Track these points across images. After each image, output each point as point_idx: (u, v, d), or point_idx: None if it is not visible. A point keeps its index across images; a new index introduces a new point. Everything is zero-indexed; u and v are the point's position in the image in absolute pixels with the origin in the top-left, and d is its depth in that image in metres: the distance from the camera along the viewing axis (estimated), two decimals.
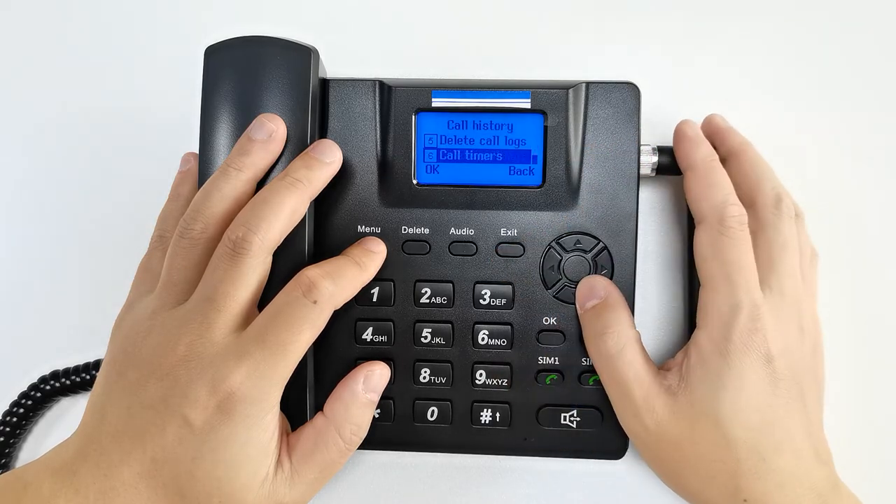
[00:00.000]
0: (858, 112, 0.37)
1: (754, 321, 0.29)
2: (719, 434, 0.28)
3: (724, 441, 0.28)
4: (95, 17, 0.40)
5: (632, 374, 0.30)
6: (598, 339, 0.31)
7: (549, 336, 0.33)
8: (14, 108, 0.39)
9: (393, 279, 0.33)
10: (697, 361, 0.30)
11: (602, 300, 0.32)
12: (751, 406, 0.28)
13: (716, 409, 0.29)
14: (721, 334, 0.29)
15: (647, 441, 0.30)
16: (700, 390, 0.29)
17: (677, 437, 0.29)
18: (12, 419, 0.36)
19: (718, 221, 0.30)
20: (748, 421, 0.28)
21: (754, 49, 0.37)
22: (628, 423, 0.31)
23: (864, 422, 0.36)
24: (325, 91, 0.33)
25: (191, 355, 0.27)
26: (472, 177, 0.33)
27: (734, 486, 0.28)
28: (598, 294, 0.32)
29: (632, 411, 0.30)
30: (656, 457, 0.31)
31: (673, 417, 0.29)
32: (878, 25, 0.37)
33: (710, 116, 0.35)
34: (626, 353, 0.31)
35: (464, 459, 0.36)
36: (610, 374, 0.31)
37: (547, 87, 0.33)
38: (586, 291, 0.33)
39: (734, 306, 0.29)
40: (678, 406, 0.29)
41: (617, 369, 0.31)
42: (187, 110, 0.34)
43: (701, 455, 0.29)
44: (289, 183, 0.29)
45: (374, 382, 0.32)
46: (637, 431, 0.31)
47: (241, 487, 0.28)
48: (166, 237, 0.32)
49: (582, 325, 0.33)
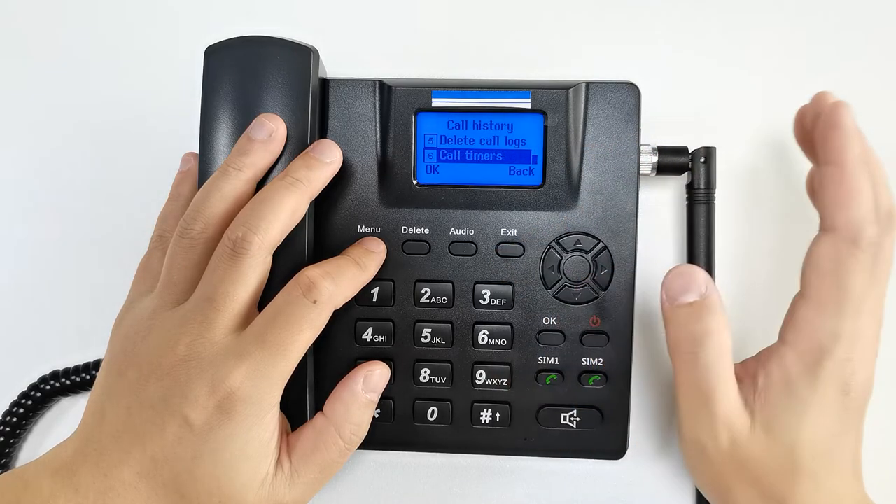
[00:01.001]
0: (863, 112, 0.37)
1: (850, 353, 0.27)
2: (791, 460, 0.28)
3: (791, 466, 0.28)
4: (95, 17, 0.40)
5: (722, 389, 0.28)
6: (694, 344, 0.29)
7: (549, 336, 0.33)
8: (14, 108, 0.39)
9: (393, 279, 0.33)
10: (781, 380, 0.28)
11: (703, 298, 0.29)
12: (822, 434, 0.28)
13: (795, 434, 0.28)
14: (814, 360, 0.27)
15: (712, 456, 0.29)
16: (782, 413, 0.28)
17: (746, 455, 0.28)
18: (12, 419, 0.36)
19: (852, 240, 0.27)
20: (818, 449, 0.28)
21: (754, 49, 0.37)
22: (699, 435, 0.30)
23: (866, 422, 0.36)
24: (325, 91, 0.33)
25: (191, 355, 0.27)
26: (472, 177, 0.33)
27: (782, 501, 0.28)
28: (698, 289, 0.29)
29: (708, 425, 0.29)
30: (713, 471, 0.30)
31: (749, 436, 0.28)
32: (879, 24, 0.37)
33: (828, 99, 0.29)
34: (724, 364, 0.29)
35: (464, 459, 0.36)
36: (697, 383, 0.29)
37: (547, 87, 0.33)
38: (684, 284, 0.29)
39: (835, 334, 0.27)
40: (756, 425, 0.28)
41: (709, 382, 0.29)
42: (187, 110, 0.34)
43: (762, 473, 0.28)
44: (289, 183, 0.29)
45: (374, 382, 0.32)
46: (705, 445, 0.29)
47: (241, 487, 0.28)
48: (166, 237, 0.32)
49: (669, 321, 0.30)
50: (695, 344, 0.29)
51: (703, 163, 0.33)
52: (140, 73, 0.39)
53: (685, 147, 0.34)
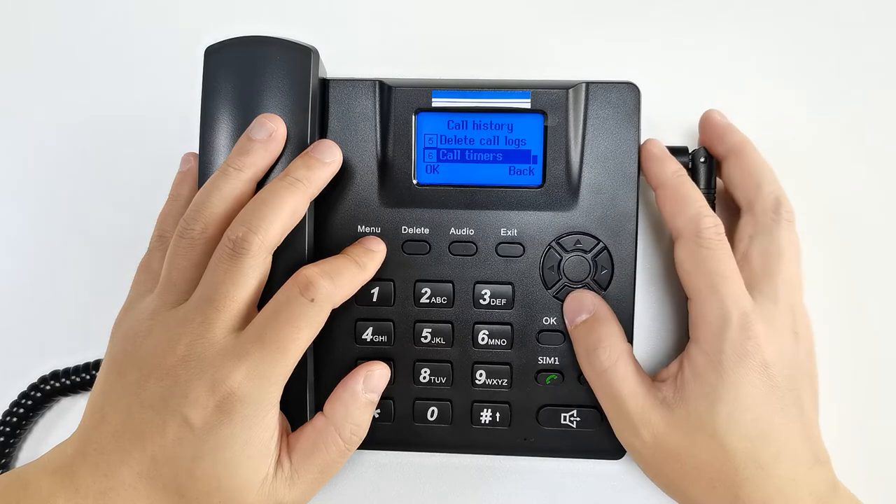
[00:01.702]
0: (860, 111, 0.37)
1: (745, 330, 0.29)
2: (717, 445, 0.28)
3: (721, 452, 0.28)
4: (95, 17, 0.40)
5: (626, 388, 0.30)
6: (590, 355, 0.31)
7: (549, 336, 0.33)
8: (13, 109, 0.39)
9: (393, 279, 0.33)
10: (692, 375, 0.30)
11: (592, 314, 0.32)
12: (748, 416, 0.28)
13: (713, 422, 0.28)
14: (713, 347, 0.29)
15: (645, 454, 0.30)
16: (696, 403, 0.29)
17: (675, 450, 0.29)
18: (12, 419, 0.36)
19: (695, 234, 0.30)
20: (746, 431, 0.28)
21: (755, 49, 0.37)
22: (625, 437, 0.31)
23: (865, 422, 0.36)
24: (325, 91, 0.33)
25: (190, 355, 0.27)
26: (472, 177, 0.33)
27: (733, 494, 0.28)
28: (587, 308, 0.32)
29: (628, 426, 0.30)
30: (655, 470, 0.31)
31: (669, 430, 0.29)
32: (878, 23, 0.37)
33: (709, 112, 0.35)
34: (619, 367, 0.31)
35: (464, 459, 0.36)
36: (604, 389, 0.31)
37: (547, 87, 0.33)
38: (575, 307, 0.33)
39: (723, 317, 0.29)
40: (674, 419, 0.29)
41: (611, 384, 0.31)
42: (187, 110, 0.34)
43: (699, 466, 0.29)
44: (289, 183, 0.29)
45: (374, 382, 0.32)
46: (634, 445, 0.31)
47: (241, 487, 0.28)
48: (166, 237, 0.32)
49: (573, 342, 0.33)
50: (592, 353, 0.31)
51: (703, 163, 0.33)
52: (140, 73, 0.39)
53: (685, 147, 0.34)
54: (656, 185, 0.32)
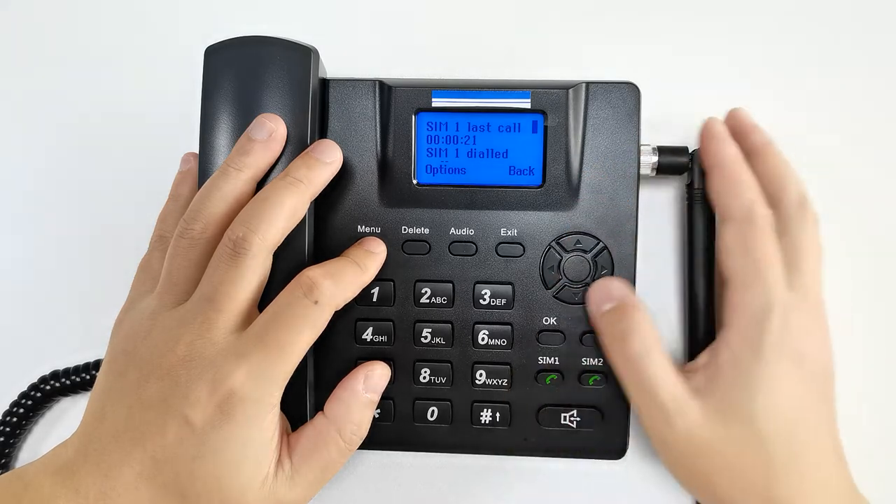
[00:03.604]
0: (863, 110, 0.37)
1: (787, 320, 0.28)
2: (753, 434, 0.28)
3: (757, 441, 0.28)
4: (95, 17, 0.40)
5: (660, 376, 0.29)
6: (621, 343, 0.30)
7: (549, 336, 0.33)
8: (14, 109, 0.39)
9: (393, 279, 0.33)
10: (729, 360, 0.29)
11: (620, 301, 0.31)
12: (784, 406, 0.28)
13: (750, 410, 0.28)
14: (754, 332, 0.29)
15: (678, 447, 0.30)
16: (732, 391, 0.29)
17: (709, 440, 0.29)
18: (12, 419, 0.36)
19: (748, 219, 0.30)
20: (782, 421, 0.28)
21: (755, 48, 0.37)
22: (657, 429, 0.30)
23: (879, 421, 0.36)
24: (325, 91, 0.33)
25: (191, 355, 0.27)
26: (472, 177, 0.33)
27: (765, 486, 0.28)
28: (614, 296, 0.32)
29: (661, 416, 0.29)
30: (685, 464, 0.30)
31: (705, 420, 0.29)
32: (879, 25, 0.37)
33: (736, 111, 0.34)
34: (654, 354, 0.30)
35: (464, 459, 0.36)
36: (636, 377, 0.30)
37: (547, 87, 0.33)
38: (601, 294, 0.32)
39: (767, 304, 0.29)
40: (709, 408, 0.29)
41: (644, 372, 0.30)
42: (187, 110, 0.34)
43: (733, 458, 0.29)
44: (289, 183, 0.29)
45: (375, 382, 0.32)
46: (666, 438, 0.30)
47: (242, 487, 0.28)
48: (166, 237, 0.32)
49: (599, 330, 0.32)
50: (622, 341, 0.30)
51: None
52: (140, 73, 0.39)
53: (685, 147, 0.34)
54: (713, 164, 0.32)
